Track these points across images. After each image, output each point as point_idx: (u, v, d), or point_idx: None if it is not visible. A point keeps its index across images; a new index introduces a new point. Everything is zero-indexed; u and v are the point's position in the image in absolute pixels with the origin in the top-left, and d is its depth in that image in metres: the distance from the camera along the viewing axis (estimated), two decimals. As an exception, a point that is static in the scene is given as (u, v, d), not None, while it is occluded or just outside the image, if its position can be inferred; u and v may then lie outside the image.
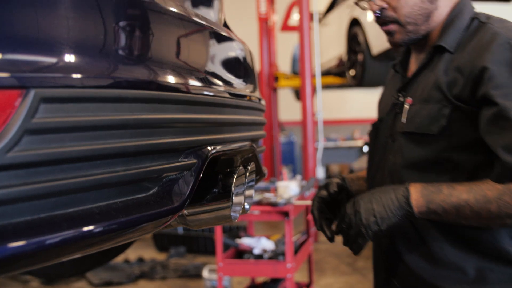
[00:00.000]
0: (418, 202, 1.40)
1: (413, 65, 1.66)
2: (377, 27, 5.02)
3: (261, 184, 4.66)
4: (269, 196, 4.15)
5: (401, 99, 1.61)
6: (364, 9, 1.65)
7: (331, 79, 8.45)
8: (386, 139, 1.65)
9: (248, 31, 11.20)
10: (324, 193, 1.74)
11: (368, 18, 6.81)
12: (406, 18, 1.55)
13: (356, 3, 1.67)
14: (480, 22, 1.52)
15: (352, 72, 7.37)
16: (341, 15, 7.84)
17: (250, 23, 10.03)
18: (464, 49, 1.48)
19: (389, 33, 1.61)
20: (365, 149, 7.46)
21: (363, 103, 14.05)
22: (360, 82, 7.16)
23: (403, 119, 1.57)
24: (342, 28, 7.56)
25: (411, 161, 1.53)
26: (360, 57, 7.01)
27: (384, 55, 6.65)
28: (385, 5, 1.57)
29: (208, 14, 1.77)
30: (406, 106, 1.57)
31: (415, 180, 1.47)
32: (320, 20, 8.84)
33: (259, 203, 4.00)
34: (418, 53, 1.65)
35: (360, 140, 11.91)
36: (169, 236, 7.02)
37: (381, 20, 1.60)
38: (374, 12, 1.59)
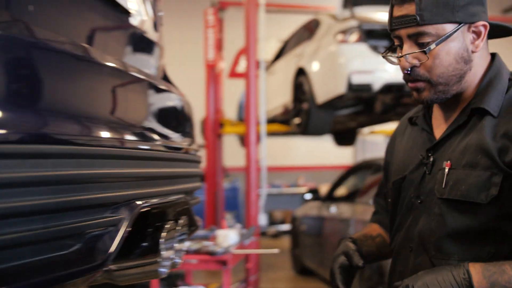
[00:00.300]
0: (481, 285, 1.30)
1: (439, 122, 1.58)
2: (322, 77, 5.06)
3: (201, 232, 4.62)
4: (208, 244, 4.11)
5: (431, 159, 1.53)
6: (392, 63, 1.54)
7: (276, 127, 8.52)
8: (411, 199, 1.56)
9: (195, 76, 11.25)
10: (344, 260, 1.64)
11: (313, 68, 6.94)
12: (438, 78, 1.45)
13: (384, 57, 1.55)
14: None
15: (297, 120, 7.46)
16: (288, 64, 7.96)
17: (198, 69, 10.08)
18: (510, 114, 1.42)
19: (416, 90, 1.49)
20: (307, 196, 7.49)
21: (307, 151, 14.22)
22: (305, 130, 7.24)
23: (443, 184, 1.46)
24: (288, 77, 7.68)
25: (454, 230, 1.43)
26: (305, 105, 7.10)
27: (328, 104, 6.76)
28: (417, 63, 1.46)
29: (148, 64, 1.77)
30: (445, 170, 1.47)
31: (456, 250, 1.42)
32: (267, 68, 8.96)
33: (197, 251, 3.96)
34: (446, 111, 1.56)
35: (304, 187, 11.99)
36: (99, 285, 6.81)
37: (411, 77, 1.48)
38: (404, 70, 1.48)
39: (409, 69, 1.46)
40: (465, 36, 1.44)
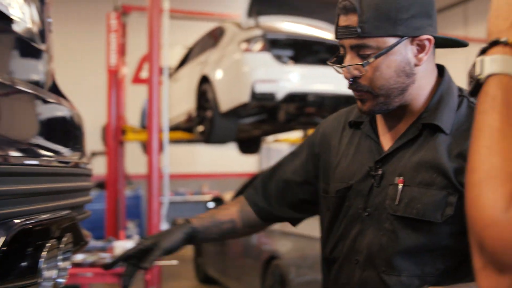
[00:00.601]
0: None
1: (384, 131, 1.57)
2: (225, 85, 5.05)
3: (98, 243, 4.49)
4: (104, 256, 4.00)
5: (380, 172, 1.51)
6: (338, 72, 1.52)
7: (180, 134, 8.44)
8: (357, 210, 1.54)
9: (98, 82, 10.98)
10: (141, 251, 1.62)
11: (217, 76, 6.93)
12: (379, 90, 1.45)
13: (329, 64, 1.53)
14: (473, 104, 1.47)
15: (200, 128, 7.42)
16: (192, 71, 7.92)
17: (100, 74, 9.86)
18: (463, 133, 1.42)
19: (361, 100, 1.50)
20: (210, 205, 7.46)
21: (212, 158, 14.20)
22: (208, 138, 7.21)
23: (396, 200, 1.45)
24: (192, 84, 7.63)
25: (407, 247, 1.43)
26: (208, 113, 7.08)
27: (232, 113, 6.77)
28: (358, 74, 1.45)
29: (33, 74, 1.69)
30: (398, 186, 1.45)
31: (407, 266, 1.42)
32: (172, 74, 8.87)
33: (92, 264, 3.84)
34: (391, 121, 1.55)
35: (209, 195, 11.95)
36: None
37: (353, 87, 1.49)
38: (348, 79, 1.48)
39: (351, 79, 1.47)
40: (408, 50, 1.43)
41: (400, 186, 1.45)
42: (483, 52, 0.88)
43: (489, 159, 0.79)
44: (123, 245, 4.14)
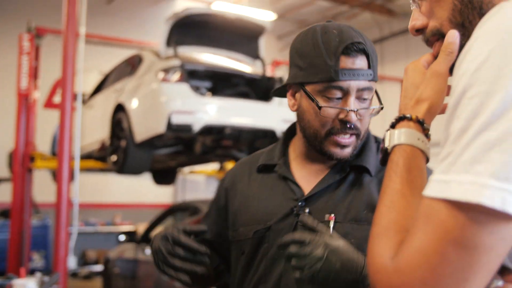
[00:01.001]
0: None
1: (303, 173, 1.58)
2: (141, 115, 4.85)
3: (-5, 281, 4.20)
4: (1, 295, 3.73)
5: (307, 210, 1.50)
6: (328, 115, 1.48)
7: (92, 163, 8.16)
8: (279, 251, 1.47)
9: (7, 105, 10.52)
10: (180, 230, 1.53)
11: (133, 105, 6.75)
12: (364, 133, 1.52)
13: (320, 107, 1.48)
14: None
15: (114, 158, 7.19)
16: (107, 98, 7.70)
17: (10, 97, 9.45)
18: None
19: (343, 146, 1.50)
20: (121, 238, 7.20)
21: (126, 188, 13.81)
22: (122, 168, 6.99)
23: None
24: (107, 112, 7.41)
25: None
26: (123, 143, 6.88)
27: (147, 143, 6.61)
28: (359, 118, 1.49)
29: None
30: (329, 223, 1.45)
31: None
32: (86, 101, 8.61)
33: (-14, 305, 3.57)
34: (315, 164, 1.58)
35: (123, 226, 11.63)
36: None
37: (350, 131, 1.49)
38: (350, 124, 1.47)
39: (353, 125, 1.48)
40: None
41: (332, 222, 1.46)
42: (392, 126, 1.02)
43: (388, 215, 0.90)
44: (23, 284, 3.88)
